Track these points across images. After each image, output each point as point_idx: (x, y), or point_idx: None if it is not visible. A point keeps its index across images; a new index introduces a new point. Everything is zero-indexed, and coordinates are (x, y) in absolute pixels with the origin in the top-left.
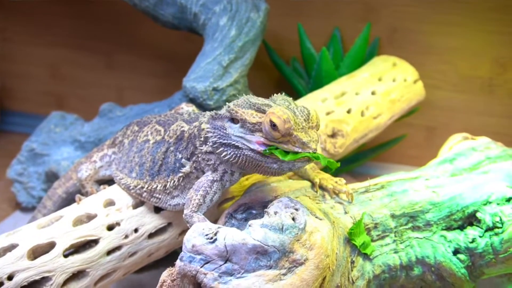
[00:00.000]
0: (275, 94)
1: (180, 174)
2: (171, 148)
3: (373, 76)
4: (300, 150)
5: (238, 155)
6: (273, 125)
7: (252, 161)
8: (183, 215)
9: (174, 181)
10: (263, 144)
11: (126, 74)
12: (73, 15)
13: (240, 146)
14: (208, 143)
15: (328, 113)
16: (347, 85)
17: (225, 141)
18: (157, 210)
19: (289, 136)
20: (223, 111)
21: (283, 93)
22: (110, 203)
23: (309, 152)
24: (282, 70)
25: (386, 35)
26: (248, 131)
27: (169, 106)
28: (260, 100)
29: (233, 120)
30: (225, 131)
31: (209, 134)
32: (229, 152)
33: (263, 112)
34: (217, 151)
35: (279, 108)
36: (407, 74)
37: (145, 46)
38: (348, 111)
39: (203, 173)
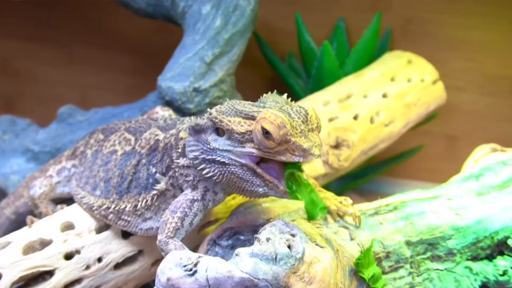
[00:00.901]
0: (264, 95)
1: (154, 192)
2: (143, 161)
3: (385, 75)
4: (301, 159)
5: (223, 172)
6: (266, 133)
7: (237, 180)
8: (157, 242)
9: (147, 201)
10: (256, 156)
11: (89, 70)
12: (27, 0)
13: (226, 162)
14: (187, 155)
15: (331, 120)
16: (354, 86)
17: (209, 157)
18: (126, 235)
19: (286, 143)
20: (204, 121)
21: (275, 92)
22: (69, 226)
23: (313, 158)
24: (276, 67)
25: (399, 26)
26: (236, 143)
27: (141, 110)
28: (248, 105)
29: (218, 130)
30: (209, 145)
31: (191, 148)
32: (212, 169)
33: (252, 118)
34: (198, 167)
35: (271, 111)
36: (424, 73)
37: (113, 38)
38: (355, 117)
39: (182, 191)
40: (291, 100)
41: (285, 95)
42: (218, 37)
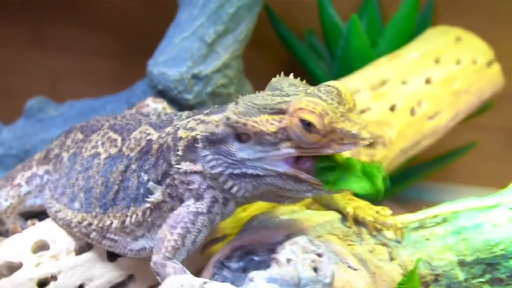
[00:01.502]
0: (273, 79)
1: (147, 205)
2: (133, 166)
3: (427, 56)
4: (352, 147)
5: (257, 186)
6: (307, 125)
7: (277, 190)
8: (151, 264)
9: (137, 216)
10: (295, 158)
11: (63, 54)
12: None
13: (261, 174)
14: (204, 171)
15: (361, 111)
16: (389, 70)
17: (237, 171)
18: (112, 256)
19: (331, 133)
20: (221, 128)
21: (289, 75)
22: (42, 246)
23: (363, 142)
24: (293, 48)
25: None
26: (269, 147)
27: (128, 103)
28: (268, 97)
29: (239, 136)
30: (234, 157)
31: (210, 164)
32: (243, 185)
33: (281, 112)
34: (224, 186)
35: (306, 99)
36: (477, 53)
37: (92, 14)
38: (392, 108)
39: (181, 202)
40: None
41: (298, 79)
42: (221, 11)
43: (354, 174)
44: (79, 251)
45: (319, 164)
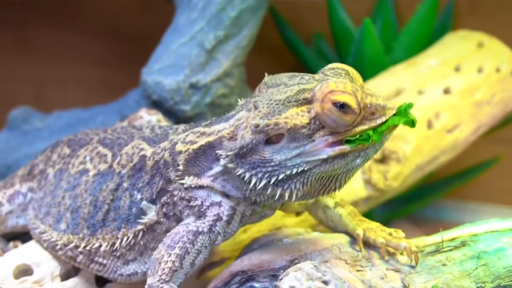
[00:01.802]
0: (265, 79)
1: (139, 227)
2: (124, 185)
3: (446, 63)
4: (384, 119)
5: (307, 180)
6: (342, 107)
7: (328, 176)
8: (146, 287)
9: (129, 238)
10: (337, 145)
11: (50, 59)
12: None
13: (306, 168)
14: (245, 192)
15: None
16: (405, 78)
17: (281, 176)
18: (101, 281)
19: (364, 109)
20: (248, 137)
21: (270, 76)
22: (25, 271)
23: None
24: (300, 54)
25: None
26: (305, 140)
27: (120, 114)
28: (284, 90)
29: (269, 140)
30: (271, 163)
31: (249, 179)
32: (293, 186)
33: (307, 101)
34: (274, 196)
35: (333, 80)
36: (501, 60)
37: (82, 17)
38: None
39: (178, 222)
40: None
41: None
42: (222, 15)
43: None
44: (65, 276)
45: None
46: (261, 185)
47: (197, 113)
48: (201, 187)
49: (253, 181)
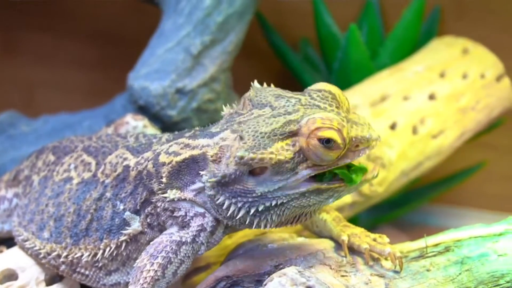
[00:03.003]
0: (250, 94)
1: (122, 238)
2: (107, 195)
3: (431, 69)
4: (367, 150)
5: (282, 212)
6: (327, 142)
7: (300, 210)
8: None
9: (111, 249)
10: (315, 181)
11: (37, 63)
12: None
13: (285, 201)
14: (222, 219)
15: None
16: (390, 85)
17: (261, 207)
18: (86, 286)
19: (349, 143)
20: (232, 168)
21: (262, 86)
22: (10, 276)
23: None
24: (286, 59)
25: (451, 3)
26: (288, 174)
27: (106, 118)
28: (270, 121)
29: (253, 171)
30: (253, 194)
31: (229, 210)
32: (269, 217)
33: (293, 134)
34: (252, 224)
35: (318, 116)
36: (485, 66)
37: (69, 20)
38: (392, 127)
39: (161, 232)
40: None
41: (273, 87)
42: (208, 20)
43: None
44: (50, 281)
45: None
46: (239, 214)
47: (183, 118)
48: (184, 199)
49: (232, 209)
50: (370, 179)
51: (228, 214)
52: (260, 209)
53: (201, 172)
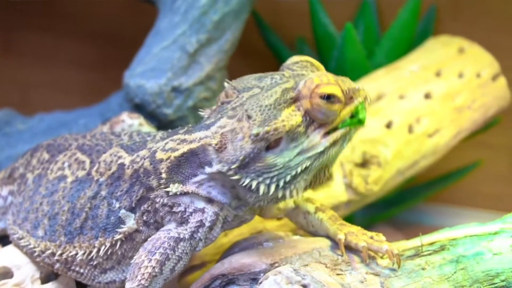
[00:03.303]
0: (232, 82)
1: (118, 236)
2: (102, 193)
3: (427, 68)
4: (359, 99)
5: (307, 177)
6: (329, 98)
7: (321, 167)
8: None
9: (106, 247)
10: (325, 134)
11: (33, 62)
12: None
13: (307, 165)
14: (251, 202)
15: None
16: (386, 83)
17: (288, 178)
18: (81, 284)
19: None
20: (249, 147)
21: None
22: (5, 274)
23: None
24: (283, 58)
25: (447, 2)
26: (302, 137)
27: (102, 117)
28: (270, 93)
29: (269, 146)
30: (275, 167)
31: (261, 190)
32: (297, 185)
33: (294, 100)
34: (277, 200)
35: (315, 75)
36: (481, 65)
37: (65, 19)
38: (388, 125)
39: (157, 230)
40: None
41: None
42: (204, 18)
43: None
44: (45, 279)
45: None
46: (271, 191)
47: (179, 116)
48: (185, 193)
49: (262, 188)
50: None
51: (260, 194)
52: (287, 179)
53: (211, 163)
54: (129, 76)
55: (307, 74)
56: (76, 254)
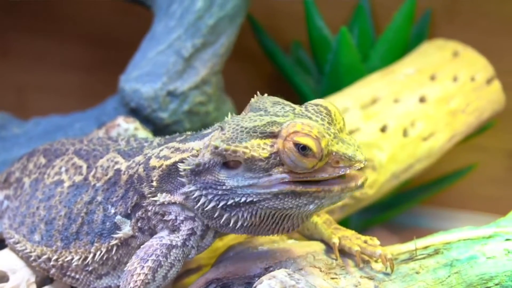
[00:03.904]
0: (252, 100)
1: (113, 242)
2: (98, 198)
3: (422, 72)
4: (348, 170)
5: (254, 213)
6: (302, 149)
7: (277, 214)
8: None
9: (102, 252)
10: (290, 183)
11: (29, 65)
12: None
13: (255, 199)
14: (194, 209)
15: (350, 132)
16: (381, 87)
17: (230, 202)
18: None
19: (327, 156)
20: (207, 157)
21: (265, 95)
22: (1, 278)
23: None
24: (278, 61)
25: (441, 6)
26: (261, 173)
27: (98, 121)
28: (256, 118)
29: (227, 164)
30: (223, 186)
31: (200, 201)
32: (240, 215)
33: (273, 135)
34: (221, 221)
35: (300, 121)
36: (475, 69)
37: (61, 22)
38: (383, 129)
39: (152, 236)
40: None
41: (279, 97)
42: (199, 23)
43: None
44: (41, 283)
45: None
46: (209, 207)
47: (175, 120)
48: (174, 203)
49: (202, 200)
50: (353, 188)
51: (198, 206)
52: (229, 203)
53: (180, 164)
54: (125, 81)
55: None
56: (72, 259)
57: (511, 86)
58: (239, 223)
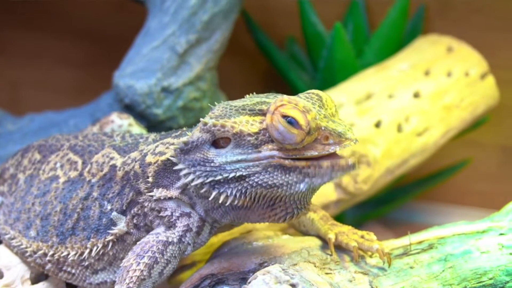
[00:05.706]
0: (247, 95)
1: (109, 237)
2: (94, 194)
3: (416, 68)
4: (337, 148)
5: (244, 190)
6: (290, 122)
7: (268, 192)
8: None
9: (98, 248)
10: (280, 158)
11: (23, 61)
12: None
13: (244, 173)
14: (188, 189)
15: None
16: (375, 83)
17: (218, 177)
18: (71, 285)
19: (316, 131)
20: (196, 135)
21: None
22: None
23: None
24: (272, 57)
25: (436, 1)
26: (250, 149)
27: (92, 117)
28: (246, 99)
29: (216, 143)
30: (212, 163)
31: (189, 178)
32: (230, 191)
33: (261, 113)
34: (210, 197)
35: (287, 97)
36: (470, 64)
37: (54, 19)
38: (377, 124)
39: (148, 233)
40: None
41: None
42: (194, 19)
43: None
44: (35, 279)
45: None
46: (196, 182)
47: (169, 116)
48: (170, 198)
49: (190, 177)
50: (344, 166)
51: (186, 182)
52: (217, 178)
53: (171, 146)
54: (119, 76)
55: None
56: (68, 254)
57: (505, 81)
58: (229, 202)
